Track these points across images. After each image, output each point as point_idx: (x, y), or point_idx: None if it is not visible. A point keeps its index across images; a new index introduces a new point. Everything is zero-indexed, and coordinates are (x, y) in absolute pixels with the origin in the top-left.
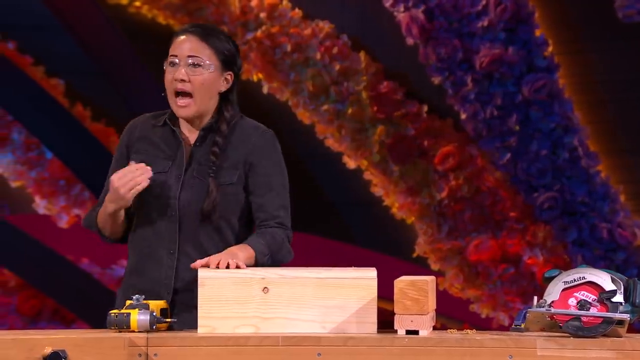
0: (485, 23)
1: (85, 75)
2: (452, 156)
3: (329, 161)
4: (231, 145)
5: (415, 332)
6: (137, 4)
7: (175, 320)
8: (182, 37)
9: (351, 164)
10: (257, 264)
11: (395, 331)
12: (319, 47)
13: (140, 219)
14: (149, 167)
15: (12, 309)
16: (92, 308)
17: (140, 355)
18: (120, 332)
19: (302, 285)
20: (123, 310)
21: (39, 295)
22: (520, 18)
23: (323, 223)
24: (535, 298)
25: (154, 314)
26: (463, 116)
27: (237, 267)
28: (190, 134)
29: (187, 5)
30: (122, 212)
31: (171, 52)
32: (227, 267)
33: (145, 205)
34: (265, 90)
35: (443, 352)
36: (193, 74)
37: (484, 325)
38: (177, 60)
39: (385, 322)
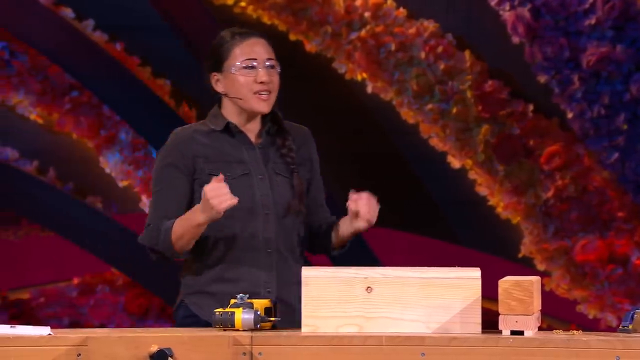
0: (593, 21)
1: (191, 75)
2: (559, 155)
3: (433, 161)
4: (294, 144)
5: (520, 333)
6: (243, 4)
7: (280, 319)
8: (254, 40)
9: (456, 163)
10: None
11: (500, 331)
12: (424, 47)
13: (222, 226)
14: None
15: (120, 308)
16: None
17: (244, 354)
18: (225, 330)
19: (406, 285)
20: (227, 309)
21: (146, 293)
22: (629, 16)
23: (427, 223)
24: None
25: (258, 312)
26: (569, 115)
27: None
28: (251, 136)
29: (291, 5)
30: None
31: (247, 55)
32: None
33: (232, 210)
34: (369, 89)
35: (548, 353)
36: (271, 75)
37: (591, 326)
38: (256, 63)
39: (490, 322)
